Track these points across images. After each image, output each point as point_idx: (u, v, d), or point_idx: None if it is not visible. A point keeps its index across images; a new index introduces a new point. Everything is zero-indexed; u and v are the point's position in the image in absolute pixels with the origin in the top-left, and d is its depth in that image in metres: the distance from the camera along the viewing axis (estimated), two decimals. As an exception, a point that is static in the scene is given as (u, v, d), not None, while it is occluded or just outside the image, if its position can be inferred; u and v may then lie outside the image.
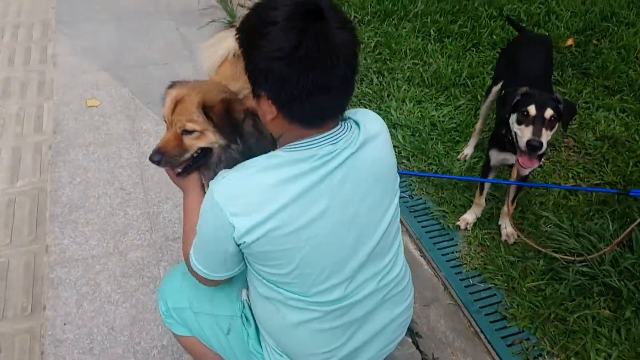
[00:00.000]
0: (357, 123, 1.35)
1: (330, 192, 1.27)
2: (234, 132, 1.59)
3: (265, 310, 1.45)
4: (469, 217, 2.68)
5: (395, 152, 2.27)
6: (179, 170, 1.66)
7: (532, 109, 2.21)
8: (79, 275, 2.35)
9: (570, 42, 3.88)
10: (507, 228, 2.61)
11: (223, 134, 1.57)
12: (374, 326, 1.49)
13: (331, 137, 1.28)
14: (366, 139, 1.33)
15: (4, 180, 2.84)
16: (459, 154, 3.08)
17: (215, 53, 2.08)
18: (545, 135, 2.19)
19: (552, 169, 2.98)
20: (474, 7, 4.38)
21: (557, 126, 2.26)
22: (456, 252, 2.58)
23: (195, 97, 1.58)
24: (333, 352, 1.44)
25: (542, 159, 2.46)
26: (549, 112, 2.19)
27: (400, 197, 1.90)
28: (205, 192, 1.45)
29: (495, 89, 2.85)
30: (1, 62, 3.85)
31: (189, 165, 1.66)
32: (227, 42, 2.08)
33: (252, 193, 1.24)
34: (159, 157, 1.61)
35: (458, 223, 2.68)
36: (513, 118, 2.27)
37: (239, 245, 1.30)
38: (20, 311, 2.21)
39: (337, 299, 1.37)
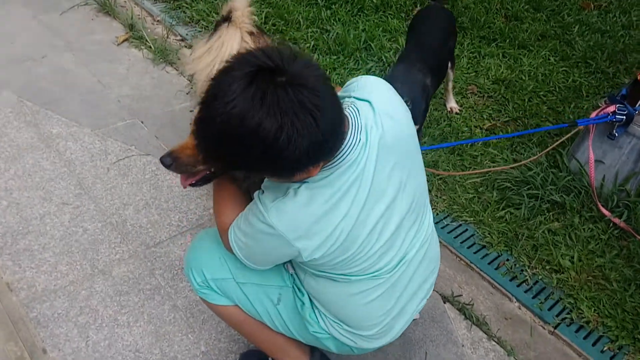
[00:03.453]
0: (367, 101, 1.37)
1: (368, 186, 1.31)
2: None
3: (319, 284, 1.47)
4: None
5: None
6: (194, 181, 1.56)
7: None
8: (66, 307, 2.04)
9: (441, 1, 4.30)
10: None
11: None
12: (414, 285, 1.59)
13: (351, 146, 1.29)
14: (381, 115, 1.35)
15: None
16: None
17: (216, 61, 1.89)
18: None
19: (468, 113, 3.35)
20: (347, -27, 4.56)
21: None
22: (421, 200, 2.80)
23: None
24: (386, 314, 1.53)
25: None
26: None
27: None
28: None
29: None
30: None
31: (206, 177, 1.56)
32: (227, 47, 1.92)
33: (308, 220, 1.28)
34: (170, 161, 1.48)
35: None
36: None
37: (306, 262, 1.35)
38: (15, 363, 1.85)
39: (397, 263, 1.47)
